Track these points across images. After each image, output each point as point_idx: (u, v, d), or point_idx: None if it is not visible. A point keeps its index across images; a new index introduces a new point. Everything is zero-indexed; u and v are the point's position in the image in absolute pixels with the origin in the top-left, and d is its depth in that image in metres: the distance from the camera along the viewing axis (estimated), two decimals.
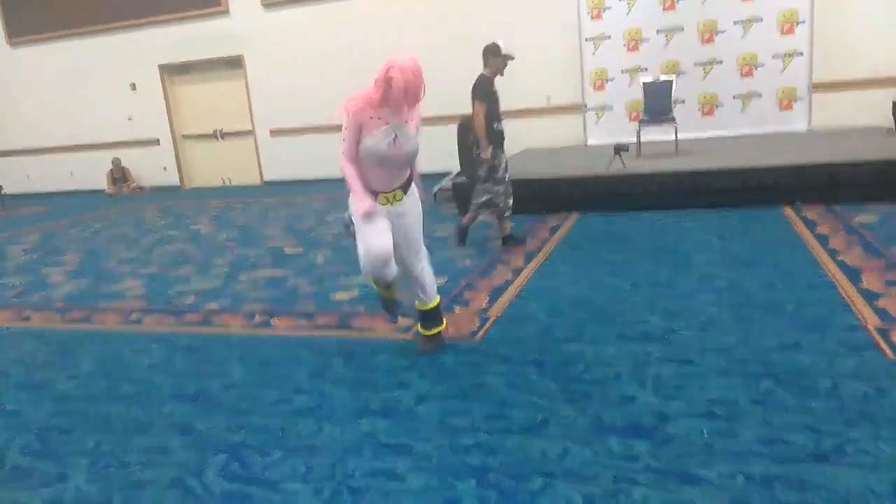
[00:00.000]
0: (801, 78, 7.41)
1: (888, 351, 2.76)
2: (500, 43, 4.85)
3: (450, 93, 9.00)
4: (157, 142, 11.46)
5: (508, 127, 7.93)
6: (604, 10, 7.94)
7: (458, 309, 3.81)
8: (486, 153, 4.88)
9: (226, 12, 10.25)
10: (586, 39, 8.05)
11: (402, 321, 3.63)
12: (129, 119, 11.39)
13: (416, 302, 3.21)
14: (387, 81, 2.71)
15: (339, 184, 3.16)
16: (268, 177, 10.68)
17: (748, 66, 7.54)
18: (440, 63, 9.11)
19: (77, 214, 9.46)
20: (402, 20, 9.31)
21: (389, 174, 2.93)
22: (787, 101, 7.49)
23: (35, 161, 12.41)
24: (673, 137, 6.71)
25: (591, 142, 8.32)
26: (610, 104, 8.21)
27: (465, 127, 6.68)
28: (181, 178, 11.48)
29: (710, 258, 4.32)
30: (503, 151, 5.02)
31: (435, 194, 7.60)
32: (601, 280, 4.09)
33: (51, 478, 2.38)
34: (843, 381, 2.53)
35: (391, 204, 2.97)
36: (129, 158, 11.64)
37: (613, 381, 2.71)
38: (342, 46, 9.65)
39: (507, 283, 4.21)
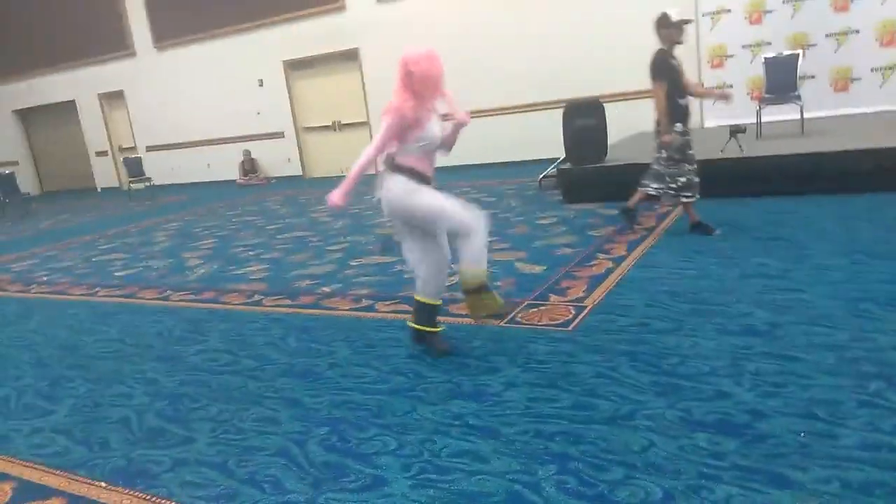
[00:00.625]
0: None
1: None
2: (670, 11, 4.50)
3: (555, 79, 8.93)
4: (281, 134, 12.24)
5: (617, 110, 7.79)
6: None
7: (553, 297, 3.82)
8: (667, 137, 4.52)
9: (342, 8, 10.71)
10: (703, 14, 7.63)
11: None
12: (258, 114, 12.24)
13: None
14: (409, 76, 2.82)
15: (447, 173, 3.28)
16: (383, 167, 11.10)
17: (889, 35, 6.81)
18: (546, 48, 9.05)
19: (212, 203, 10.35)
20: (511, 7, 9.28)
21: (433, 161, 3.05)
22: None
23: (178, 154, 13.69)
24: (798, 117, 6.23)
25: (707, 124, 7.91)
26: (729, 82, 7.74)
27: (571, 112, 6.60)
28: (303, 169, 12.21)
29: (829, 248, 4.02)
30: (688, 129, 4.63)
31: (540, 181, 7.57)
32: (707, 270, 3.93)
33: (179, 439, 2.70)
34: None
35: None
36: (258, 151, 12.53)
37: (708, 376, 2.63)
38: (453, 35, 9.79)
39: (608, 273, 4.16)
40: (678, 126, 4.53)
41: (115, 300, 5.10)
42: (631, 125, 8.32)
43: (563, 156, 7.02)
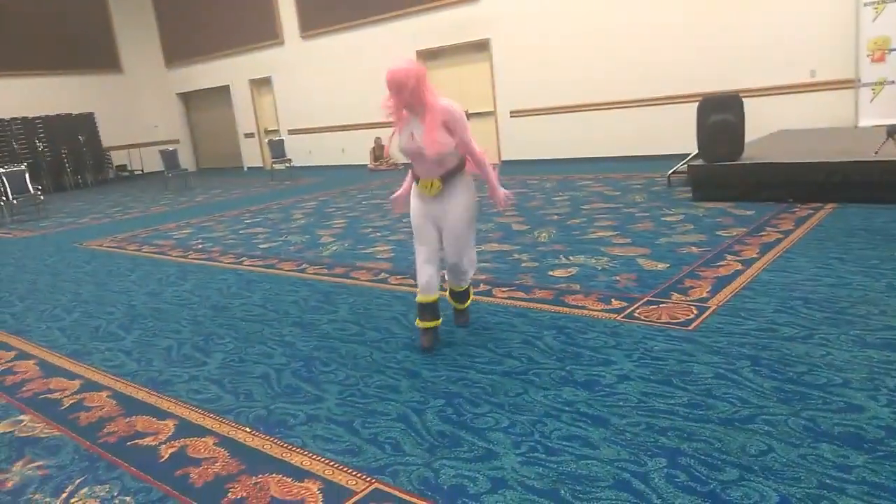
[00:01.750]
0: None
1: None
2: None
3: (688, 72, 8.55)
4: None
5: (755, 106, 7.35)
6: None
7: (675, 295, 3.75)
8: None
9: None
10: (865, 4, 6.98)
11: (616, 303, 3.72)
12: None
13: (453, 285, 3.56)
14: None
15: (571, 164, 3.34)
16: (505, 156, 11.20)
17: None
18: (678, 41, 8.69)
19: (345, 186, 10.95)
20: (626, 2, 9.01)
21: (423, 167, 3.22)
22: None
23: (315, 138, 14.58)
24: None
25: (862, 122, 7.26)
26: (891, 78, 7.05)
27: (708, 106, 6.33)
28: None
29: None
30: None
31: (669, 177, 7.33)
32: (848, 278, 3.68)
33: (311, 398, 2.97)
34: None
35: (429, 192, 3.24)
36: (388, 138, 13.06)
37: (840, 387, 2.50)
38: (586, 27, 9.66)
39: (736, 274, 4.01)
40: None
41: (258, 270, 5.61)
42: (770, 123, 7.83)
43: (694, 152, 6.76)
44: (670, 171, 7.33)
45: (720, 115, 6.16)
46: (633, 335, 3.24)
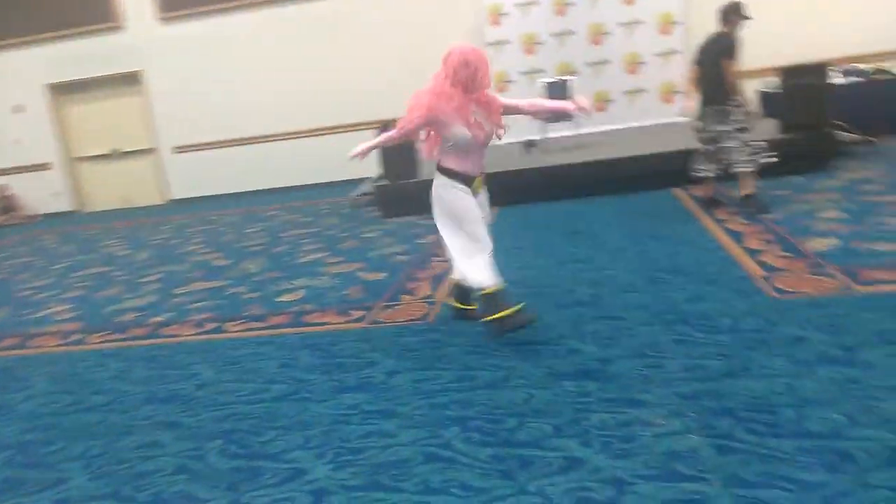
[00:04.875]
0: (680, 74, 8.27)
1: (772, 292, 3.36)
2: (742, 1, 4.84)
3: (365, 100, 9.27)
4: (46, 166, 10.90)
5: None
6: (500, 15, 8.49)
7: (405, 298, 4.11)
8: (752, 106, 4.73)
9: (120, 27, 9.96)
10: (488, 44, 8.55)
11: (356, 313, 3.91)
12: (16, 143, 10.78)
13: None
14: (448, 64, 2.94)
15: (250, 197, 3.33)
16: (175, 195, 10.45)
17: (633, 65, 8.35)
18: (341, 73, 9.37)
19: None
20: (298, 31, 9.47)
21: (477, 160, 3.17)
22: (668, 94, 8.35)
23: None
24: (574, 133, 7.35)
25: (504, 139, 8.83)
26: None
27: (384, 132, 6.96)
28: (77, 203, 10.99)
29: (619, 235, 4.88)
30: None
31: (355, 199, 7.82)
32: (530, 261, 4.53)
33: (49, 482, 2.46)
34: (740, 319, 3.08)
35: (478, 188, 3.24)
36: (17, 185, 10.99)
37: (559, 339, 3.12)
38: (253, 59, 9.66)
39: (446, 272, 4.55)
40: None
41: None
42: None
43: (368, 175, 7.35)
44: (356, 194, 7.83)
45: None
46: (385, 337, 3.47)
